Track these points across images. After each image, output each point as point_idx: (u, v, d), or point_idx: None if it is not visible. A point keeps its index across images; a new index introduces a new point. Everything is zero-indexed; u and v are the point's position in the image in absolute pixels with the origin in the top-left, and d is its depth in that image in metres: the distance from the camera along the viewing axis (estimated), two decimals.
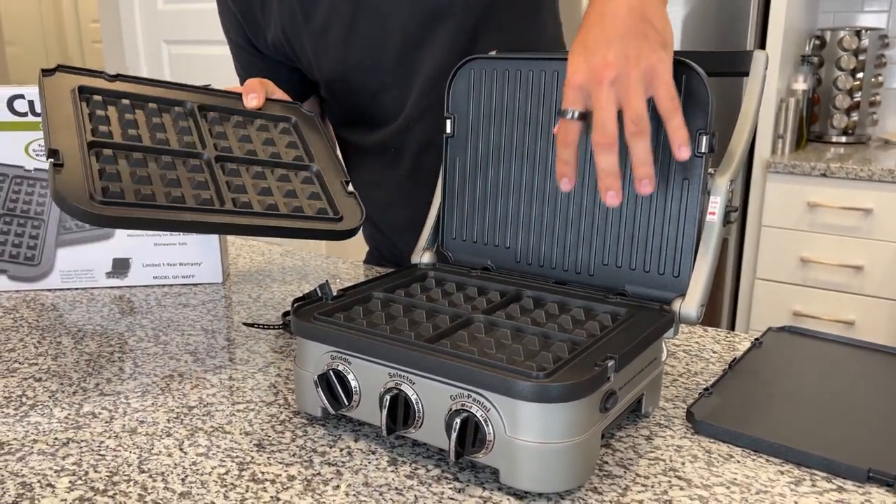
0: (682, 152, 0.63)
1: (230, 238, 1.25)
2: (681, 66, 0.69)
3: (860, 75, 2.41)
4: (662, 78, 0.61)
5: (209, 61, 2.66)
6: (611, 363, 0.56)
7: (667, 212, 0.71)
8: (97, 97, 0.83)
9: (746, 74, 0.75)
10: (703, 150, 0.69)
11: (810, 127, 2.49)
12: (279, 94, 0.96)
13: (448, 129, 0.84)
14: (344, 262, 1.15)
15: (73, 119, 0.78)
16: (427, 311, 0.69)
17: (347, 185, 0.86)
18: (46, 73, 0.82)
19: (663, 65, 0.62)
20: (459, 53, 0.90)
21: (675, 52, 0.71)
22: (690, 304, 0.68)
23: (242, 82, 1.13)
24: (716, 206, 0.70)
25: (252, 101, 0.92)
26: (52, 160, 0.71)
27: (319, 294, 0.71)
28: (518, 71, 0.79)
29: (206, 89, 0.92)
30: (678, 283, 0.71)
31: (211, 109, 0.89)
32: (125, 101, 0.84)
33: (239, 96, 0.93)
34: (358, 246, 1.26)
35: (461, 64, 0.82)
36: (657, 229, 0.72)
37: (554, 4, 1.11)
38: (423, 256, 0.84)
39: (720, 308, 2.34)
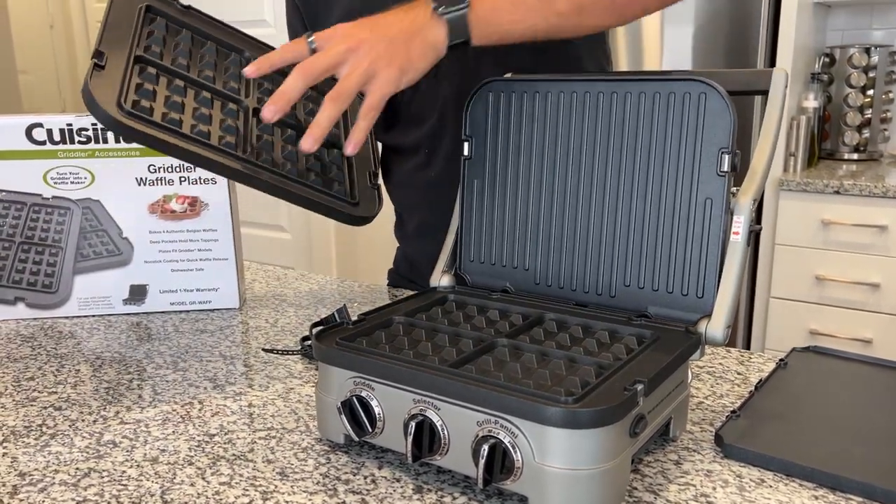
0: (347, 147, 0.75)
1: (246, 263, 1.25)
2: (702, 86, 0.69)
3: (870, 92, 2.41)
4: (381, 84, 0.74)
5: None
6: (640, 387, 0.55)
7: (689, 232, 0.71)
8: (161, 20, 0.82)
9: (766, 93, 0.75)
10: (725, 170, 0.69)
11: (821, 144, 2.48)
12: None
13: (466, 152, 0.84)
14: (360, 286, 1.15)
15: (130, 32, 0.78)
16: (450, 335, 0.68)
17: (374, 177, 0.85)
18: None
19: (389, 77, 0.74)
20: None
21: (695, 72, 0.71)
22: (717, 325, 0.67)
23: None
24: (739, 225, 0.69)
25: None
26: (95, 60, 0.71)
27: (338, 318, 0.70)
28: (536, 92, 0.79)
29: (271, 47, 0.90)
30: (702, 304, 0.70)
31: None
32: (186, 32, 0.84)
33: None
34: (371, 269, 1.26)
35: (478, 87, 0.82)
36: (680, 250, 0.71)
37: None
38: (441, 280, 0.83)
39: (735, 327, 2.32)
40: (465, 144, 0.84)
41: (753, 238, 2.30)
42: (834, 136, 2.50)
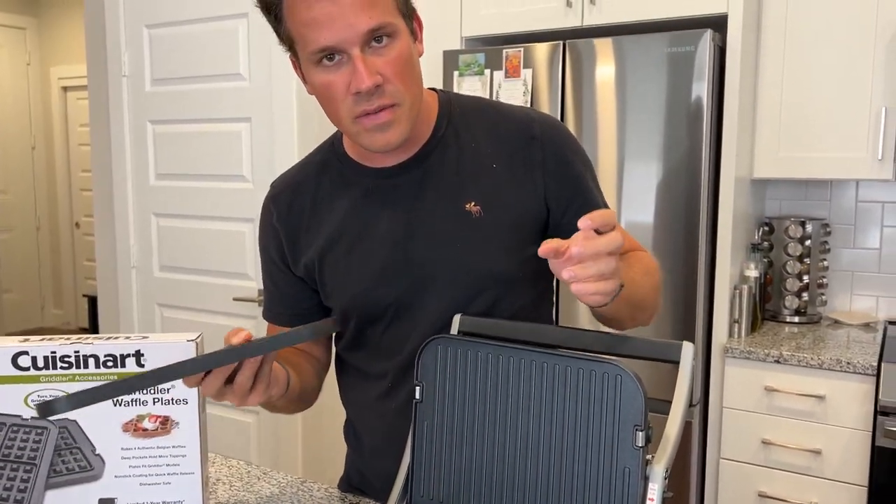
0: (564, 274, 0.78)
1: (210, 455, 1.31)
2: (618, 369, 0.80)
3: (807, 260, 2.59)
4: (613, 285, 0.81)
5: (195, 235, 2.80)
6: None
7: (611, 495, 0.80)
8: None
9: (676, 363, 0.86)
10: (639, 444, 0.78)
11: (765, 305, 2.64)
12: None
13: (417, 395, 0.93)
14: (319, 490, 1.21)
15: None
16: None
17: None
18: None
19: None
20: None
21: (615, 337, 0.83)
22: None
23: (268, 293, 1.22)
24: (654, 492, 0.79)
25: None
26: None
27: None
28: (478, 352, 0.89)
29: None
30: None
31: None
32: None
33: None
34: (332, 469, 1.31)
35: (428, 341, 0.92)
36: None
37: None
38: None
39: (688, 487, 2.38)
40: (417, 388, 0.93)
41: (701, 400, 2.40)
42: (776, 299, 2.66)
